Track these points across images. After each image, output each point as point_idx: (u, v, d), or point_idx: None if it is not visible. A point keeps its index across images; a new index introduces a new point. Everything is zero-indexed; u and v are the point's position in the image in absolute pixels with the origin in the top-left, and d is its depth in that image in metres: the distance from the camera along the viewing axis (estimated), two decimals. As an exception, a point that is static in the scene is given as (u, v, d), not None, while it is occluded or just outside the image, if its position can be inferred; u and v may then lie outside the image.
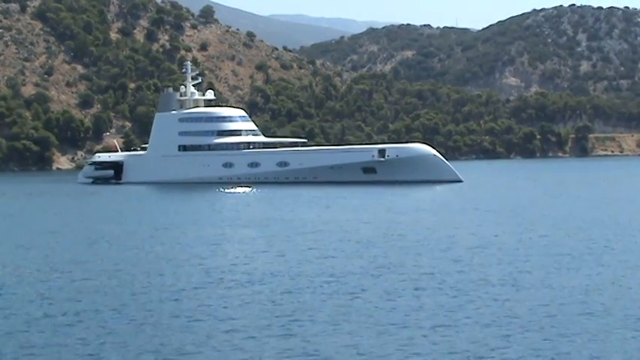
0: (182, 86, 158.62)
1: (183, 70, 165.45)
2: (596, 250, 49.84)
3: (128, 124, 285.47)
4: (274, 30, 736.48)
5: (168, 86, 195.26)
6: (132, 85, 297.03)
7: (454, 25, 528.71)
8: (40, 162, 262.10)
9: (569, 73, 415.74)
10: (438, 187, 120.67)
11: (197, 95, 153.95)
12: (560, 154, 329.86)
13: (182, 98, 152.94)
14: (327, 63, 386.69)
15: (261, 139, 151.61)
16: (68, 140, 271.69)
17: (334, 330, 30.71)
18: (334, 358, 27.33)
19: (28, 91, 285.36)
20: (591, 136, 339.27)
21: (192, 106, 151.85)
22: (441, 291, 37.71)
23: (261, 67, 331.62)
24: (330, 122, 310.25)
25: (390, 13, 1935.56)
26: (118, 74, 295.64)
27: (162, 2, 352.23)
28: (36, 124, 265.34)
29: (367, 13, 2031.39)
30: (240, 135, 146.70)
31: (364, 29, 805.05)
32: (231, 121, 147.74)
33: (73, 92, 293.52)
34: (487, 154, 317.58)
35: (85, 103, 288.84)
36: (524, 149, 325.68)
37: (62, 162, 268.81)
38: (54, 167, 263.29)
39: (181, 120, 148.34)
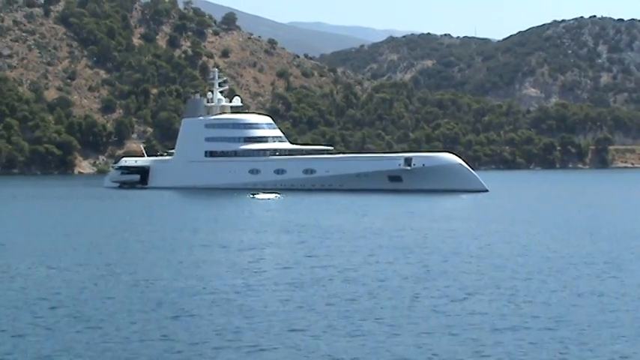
0: (209, 92, 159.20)
1: (211, 77, 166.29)
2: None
3: (150, 129, 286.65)
4: (294, 37, 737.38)
5: (195, 92, 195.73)
6: (154, 91, 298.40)
7: (473, 35, 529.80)
8: (62, 166, 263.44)
9: (589, 85, 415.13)
10: (465, 197, 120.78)
11: (224, 102, 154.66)
12: (580, 166, 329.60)
13: (209, 104, 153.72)
14: (348, 71, 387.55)
15: (287, 146, 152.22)
16: (90, 145, 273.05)
17: (401, 331, 31.17)
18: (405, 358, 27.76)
19: (51, 95, 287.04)
20: (611, 147, 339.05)
21: (218, 112, 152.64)
22: (498, 295, 38.08)
23: (282, 75, 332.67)
24: (351, 130, 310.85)
25: (409, 22, 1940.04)
26: (140, 80, 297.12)
27: (185, 9, 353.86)
28: (59, 128, 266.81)
29: (386, 22, 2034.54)
30: (266, 142, 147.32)
31: (383, 37, 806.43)
32: (257, 127, 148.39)
33: (95, 97, 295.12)
34: (507, 164, 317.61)
35: (107, 108, 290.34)
36: (544, 160, 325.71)
37: (84, 166, 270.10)
38: (76, 171, 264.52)
39: (208, 126, 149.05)
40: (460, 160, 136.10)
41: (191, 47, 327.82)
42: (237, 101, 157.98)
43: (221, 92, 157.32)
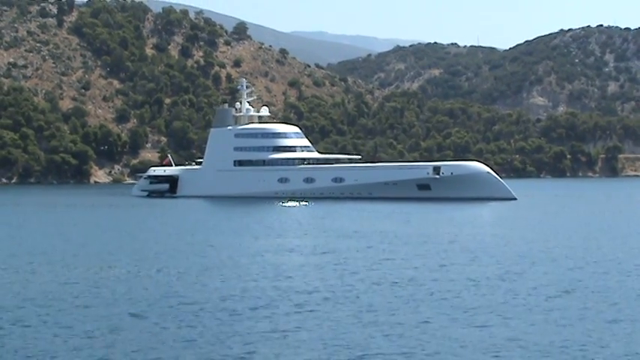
0: (237, 102, 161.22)
1: (238, 87, 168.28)
2: None
3: (164, 138, 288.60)
4: (296, 47, 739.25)
5: (224, 103, 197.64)
6: (167, 101, 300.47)
7: (476, 44, 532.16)
8: (78, 175, 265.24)
9: (596, 94, 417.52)
10: (496, 204, 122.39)
11: (252, 111, 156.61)
12: (590, 174, 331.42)
13: (237, 114, 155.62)
14: (359, 80, 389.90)
15: (315, 155, 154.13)
16: (105, 154, 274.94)
17: (499, 324, 33.12)
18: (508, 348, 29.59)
19: (66, 105, 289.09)
20: (621, 156, 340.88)
21: (246, 122, 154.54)
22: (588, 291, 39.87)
23: (294, 84, 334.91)
24: (363, 139, 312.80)
25: (411, 31, 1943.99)
26: (153, 89, 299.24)
27: (196, 19, 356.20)
28: (74, 138, 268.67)
29: (388, 31, 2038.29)
30: (295, 151, 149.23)
31: (385, 47, 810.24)
32: (286, 137, 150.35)
33: (109, 107, 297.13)
34: (517, 172, 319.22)
35: (121, 117, 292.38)
36: (555, 168, 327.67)
37: (99, 175, 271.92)
38: (91, 181, 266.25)
39: (237, 135, 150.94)
40: (488, 169, 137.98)
41: (203, 57, 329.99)
42: (264, 111, 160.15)
43: (249, 102, 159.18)
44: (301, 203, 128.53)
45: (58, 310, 37.54)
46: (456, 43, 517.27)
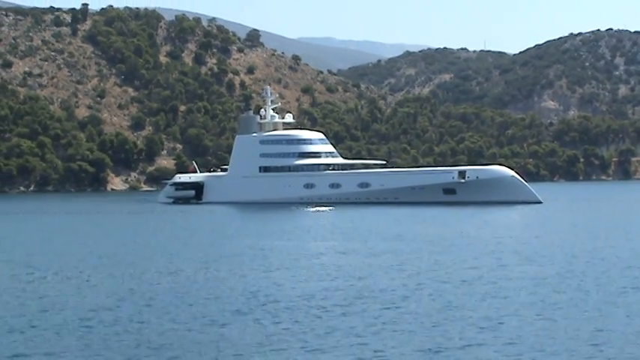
0: (262, 109, 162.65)
1: (263, 94, 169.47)
2: None
3: (179, 146, 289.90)
4: (304, 53, 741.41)
5: (248, 110, 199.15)
6: (182, 108, 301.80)
7: (483, 49, 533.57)
8: (95, 183, 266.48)
9: (607, 97, 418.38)
10: (524, 208, 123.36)
11: (277, 118, 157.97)
12: (603, 177, 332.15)
13: (262, 121, 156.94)
14: (372, 86, 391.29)
15: (340, 160, 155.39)
16: (121, 162, 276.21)
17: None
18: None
19: (82, 113, 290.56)
20: (634, 159, 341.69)
21: (271, 129, 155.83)
22: None
23: (307, 90, 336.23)
24: (377, 145, 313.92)
25: (418, 36, 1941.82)
26: (168, 97, 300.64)
27: (209, 26, 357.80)
28: (91, 146, 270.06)
29: (395, 36, 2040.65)
30: (320, 157, 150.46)
31: (392, 52, 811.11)
32: (311, 143, 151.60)
33: (124, 114, 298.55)
34: (531, 176, 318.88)
35: (136, 125, 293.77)
36: (568, 172, 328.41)
37: (116, 183, 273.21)
38: (108, 188, 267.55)
39: (262, 142, 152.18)
40: (513, 173, 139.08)
41: (217, 64, 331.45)
42: (289, 118, 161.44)
43: (273, 109, 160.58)
44: (326, 209, 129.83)
45: (167, 307, 38.92)
46: (465, 48, 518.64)
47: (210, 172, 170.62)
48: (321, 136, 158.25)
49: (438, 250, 63.41)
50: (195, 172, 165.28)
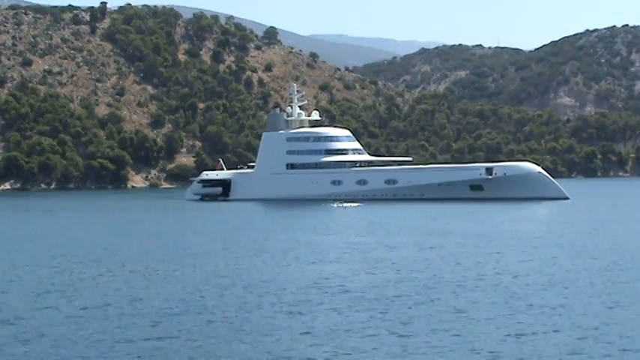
0: (288, 107, 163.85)
1: (290, 92, 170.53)
2: None
3: (198, 143, 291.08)
4: (316, 50, 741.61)
5: (275, 107, 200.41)
6: (201, 105, 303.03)
7: (496, 45, 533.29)
8: (116, 180, 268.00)
9: (623, 93, 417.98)
10: (553, 204, 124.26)
11: (303, 116, 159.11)
12: (620, 174, 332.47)
13: (289, 119, 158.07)
14: (389, 83, 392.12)
15: (367, 157, 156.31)
16: (141, 159, 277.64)
17: None
18: None
19: (101, 111, 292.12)
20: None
21: (298, 126, 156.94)
22: None
23: (325, 88, 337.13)
24: (395, 141, 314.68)
25: (430, 33, 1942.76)
26: (187, 95, 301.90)
27: (227, 24, 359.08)
28: (111, 144, 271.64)
29: (407, 33, 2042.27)
30: (346, 154, 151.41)
31: (404, 48, 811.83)
32: (338, 140, 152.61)
33: (144, 112, 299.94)
34: (548, 173, 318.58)
35: (156, 122, 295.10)
36: (586, 169, 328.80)
37: (136, 180, 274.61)
38: (129, 185, 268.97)
39: (289, 139, 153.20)
40: (540, 169, 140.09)
41: (234, 62, 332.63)
42: (315, 115, 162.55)
43: (300, 107, 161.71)
44: (353, 205, 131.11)
45: (246, 298, 40.04)
46: (480, 45, 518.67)
47: (237, 169, 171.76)
48: (347, 133, 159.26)
49: (483, 244, 64.54)
50: (222, 169, 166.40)
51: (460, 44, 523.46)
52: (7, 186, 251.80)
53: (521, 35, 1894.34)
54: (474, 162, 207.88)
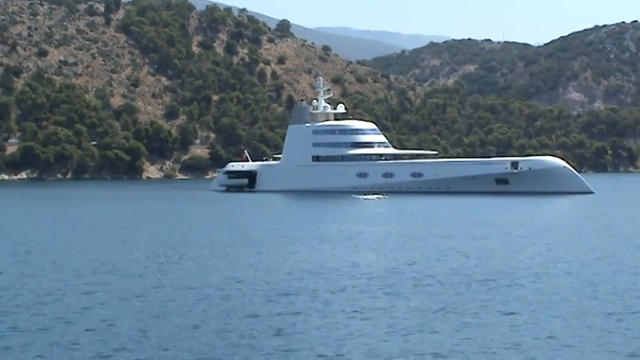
0: (314, 100, 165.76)
1: (315, 85, 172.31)
2: None
3: (212, 135, 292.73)
4: (320, 42, 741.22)
5: (302, 100, 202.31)
6: (215, 97, 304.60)
7: (502, 40, 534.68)
8: (131, 171, 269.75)
9: (632, 89, 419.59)
10: (579, 198, 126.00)
11: (329, 109, 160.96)
12: (630, 169, 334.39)
13: (314, 111, 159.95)
14: (401, 77, 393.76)
15: (392, 150, 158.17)
16: (156, 150, 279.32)
17: None
18: None
19: (116, 102, 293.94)
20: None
21: (323, 119, 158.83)
22: None
23: (337, 81, 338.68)
24: (407, 135, 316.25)
25: (435, 27, 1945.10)
26: (201, 86, 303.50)
27: (239, 16, 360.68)
28: (126, 135, 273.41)
29: (412, 27, 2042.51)
30: (372, 147, 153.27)
31: (409, 42, 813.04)
32: (364, 133, 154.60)
33: (158, 103, 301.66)
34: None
35: (170, 114, 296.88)
36: (596, 164, 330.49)
37: (151, 171, 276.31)
38: (144, 176, 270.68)
39: (315, 132, 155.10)
40: (565, 163, 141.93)
41: (248, 54, 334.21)
42: (341, 108, 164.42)
43: (325, 100, 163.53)
44: (378, 197, 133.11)
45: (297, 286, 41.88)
46: (489, 39, 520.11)
47: (262, 161, 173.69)
48: (373, 126, 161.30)
49: (531, 235, 66.23)
50: (248, 160, 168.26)
51: (469, 39, 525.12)
52: (24, 175, 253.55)
53: (526, 30, 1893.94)
54: (488, 156, 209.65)
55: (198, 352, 28.06)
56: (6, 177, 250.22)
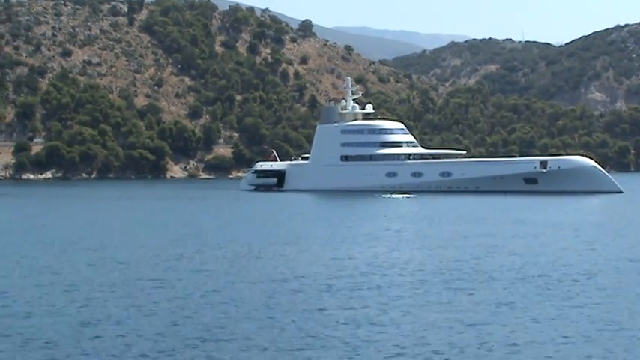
0: (343, 100, 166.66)
1: (344, 85, 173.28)
2: None
3: (236, 134, 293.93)
4: (340, 42, 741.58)
5: (330, 100, 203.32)
6: (238, 97, 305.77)
7: (523, 39, 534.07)
8: (156, 171, 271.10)
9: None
10: (610, 197, 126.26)
11: (357, 108, 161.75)
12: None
13: (343, 111, 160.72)
14: (423, 77, 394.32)
15: (421, 150, 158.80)
16: (180, 150, 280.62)
17: None
18: None
19: (140, 101, 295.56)
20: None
21: (352, 119, 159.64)
22: None
23: (360, 81, 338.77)
24: (429, 135, 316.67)
25: (455, 26, 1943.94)
26: (224, 86, 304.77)
27: (262, 16, 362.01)
28: (151, 134, 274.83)
29: (431, 26, 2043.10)
30: (401, 147, 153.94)
31: (428, 42, 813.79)
32: (392, 133, 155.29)
33: (182, 103, 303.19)
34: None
35: (194, 113, 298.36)
36: (619, 163, 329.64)
37: (175, 171, 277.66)
38: (168, 176, 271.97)
39: (344, 132, 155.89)
40: (593, 163, 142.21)
41: (270, 54, 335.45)
42: (369, 108, 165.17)
43: (354, 100, 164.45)
44: (407, 196, 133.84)
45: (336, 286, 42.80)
46: (510, 39, 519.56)
47: (290, 160, 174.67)
48: (401, 126, 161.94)
49: (570, 234, 66.56)
50: (276, 160, 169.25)
51: (490, 38, 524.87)
52: (49, 175, 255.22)
53: (546, 30, 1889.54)
54: (511, 156, 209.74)
55: (282, 345, 28.86)
56: (31, 176, 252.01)
